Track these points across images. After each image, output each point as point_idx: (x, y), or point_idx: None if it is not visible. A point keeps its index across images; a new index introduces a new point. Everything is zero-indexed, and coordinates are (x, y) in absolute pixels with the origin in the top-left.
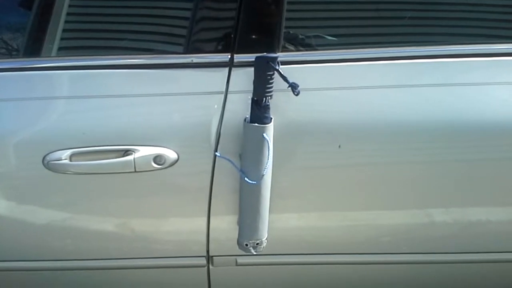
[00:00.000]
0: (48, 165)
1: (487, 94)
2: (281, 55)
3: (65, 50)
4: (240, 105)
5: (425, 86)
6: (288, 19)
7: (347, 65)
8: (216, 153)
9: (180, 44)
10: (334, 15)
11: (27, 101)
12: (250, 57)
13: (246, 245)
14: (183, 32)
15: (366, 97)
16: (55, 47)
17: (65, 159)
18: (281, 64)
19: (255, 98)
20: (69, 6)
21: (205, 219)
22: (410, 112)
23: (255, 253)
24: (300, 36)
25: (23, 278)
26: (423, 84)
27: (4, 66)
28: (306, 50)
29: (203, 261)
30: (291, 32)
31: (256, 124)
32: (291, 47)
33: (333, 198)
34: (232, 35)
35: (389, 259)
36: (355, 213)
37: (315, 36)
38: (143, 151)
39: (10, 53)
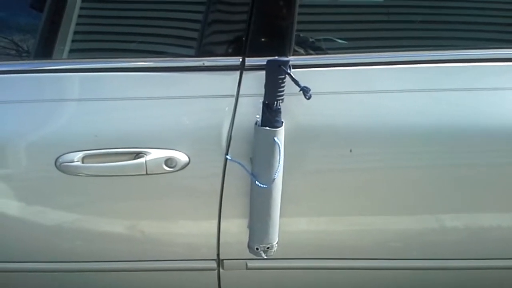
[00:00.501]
0: (60, 167)
1: (500, 99)
2: (292, 59)
3: (77, 52)
4: (251, 108)
5: (438, 91)
6: (299, 22)
7: (359, 69)
8: (227, 157)
9: (191, 47)
10: (345, 19)
11: (39, 103)
12: (262, 60)
13: (257, 249)
14: (195, 35)
15: (378, 101)
16: (67, 49)
17: (78, 161)
18: (293, 68)
19: (267, 102)
20: (81, 8)
21: (216, 222)
22: (422, 116)
23: (265, 257)
24: (311, 40)
25: (33, 279)
26: (436, 88)
27: (15, 68)
28: (318, 54)
29: (214, 264)
30: (302, 35)
31: (267, 128)
32: (303, 51)
33: (344, 202)
34: (244, 39)
35: (399, 265)
36: (366, 217)
37: (326, 40)
38: (155, 154)
39: (21, 55)
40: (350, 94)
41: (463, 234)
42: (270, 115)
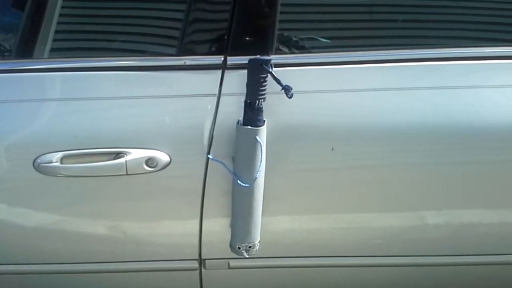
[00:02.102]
0: (38, 167)
1: (482, 97)
2: (274, 58)
3: (57, 51)
4: (233, 107)
5: (418, 89)
6: (281, 21)
7: (341, 67)
8: (208, 156)
9: (173, 46)
10: (327, 18)
11: (18, 103)
12: (244, 59)
13: (239, 248)
14: (176, 33)
15: (360, 100)
16: (47, 48)
17: (56, 161)
18: (275, 67)
19: (248, 101)
20: (62, 7)
21: (198, 221)
22: (403, 114)
23: (247, 256)
24: (294, 39)
25: (14, 281)
26: (417, 87)
27: None
28: (300, 53)
29: (196, 264)
30: (284, 34)
31: (249, 127)
32: (285, 50)
33: (326, 201)
34: (225, 37)
35: (382, 262)
36: (348, 215)
37: (308, 39)
38: (135, 154)
39: (2, 54)
40: (332, 92)
41: (447, 230)
42: (252, 114)
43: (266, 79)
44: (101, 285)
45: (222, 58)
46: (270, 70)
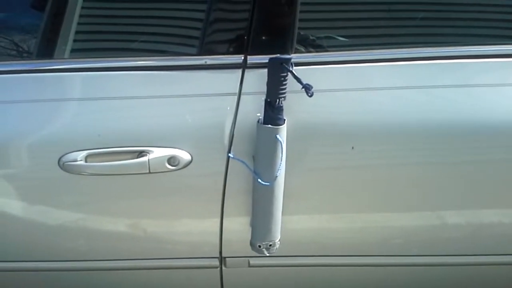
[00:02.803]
0: (63, 166)
1: (500, 95)
2: (294, 57)
3: (78, 52)
4: (253, 106)
5: (438, 87)
6: (301, 20)
7: (360, 66)
8: (229, 155)
9: (193, 46)
10: (347, 16)
11: (42, 102)
12: (264, 58)
13: (259, 246)
14: (197, 33)
15: (380, 98)
16: (68, 48)
17: (81, 160)
18: (295, 66)
19: (269, 100)
20: (82, 7)
21: (218, 220)
22: (424, 113)
23: (268, 254)
24: (313, 37)
25: (37, 278)
26: (437, 85)
27: (17, 68)
28: (319, 52)
29: (216, 262)
30: (303, 33)
31: (270, 126)
32: (304, 49)
33: (345, 200)
34: (246, 37)
35: (400, 261)
36: (367, 214)
37: (328, 37)
38: (157, 153)
39: (23, 55)
40: (352, 91)
41: (464, 230)
42: (272, 113)
43: (286, 78)
44: (122, 282)
45: (242, 58)
46: (291, 68)
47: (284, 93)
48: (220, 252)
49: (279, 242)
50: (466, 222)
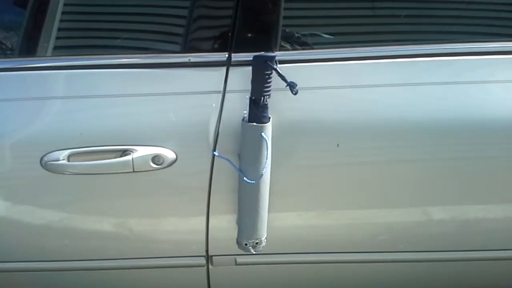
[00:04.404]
0: (46, 165)
1: (487, 92)
2: (279, 54)
3: (61, 49)
4: (238, 104)
5: (423, 85)
6: (286, 17)
7: (345, 64)
8: (214, 153)
9: (177, 43)
10: (332, 14)
11: (23, 101)
12: (248, 56)
13: (246, 244)
14: (180, 31)
15: (365, 96)
16: (51, 46)
17: (63, 159)
18: (279, 63)
19: (253, 97)
20: (64, 4)
21: (204, 218)
22: (408, 110)
23: (254, 252)
24: (297, 35)
25: (21, 279)
26: (421, 82)
27: None
28: (304, 49)
29: (203, 260)
30: (288, 31)
31: (255, 124)
32: (289, 46)
33: (331, 197)
34: (230, 34)
35: (387, 258)
36: (354, 211)
37: (312, 35)
38: (141, 151)
39: (5, 52)
40: (337, 89)
41: (452, 226)
42: (257, 110)
43: (271, 75)
44: (108, 282)
45: (227, 55)
46: (275, 66)
47: (269, 91)
48: (207, 251)
49: (265, 240)
50: (452, 218)
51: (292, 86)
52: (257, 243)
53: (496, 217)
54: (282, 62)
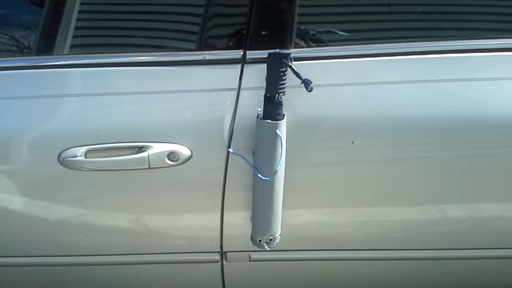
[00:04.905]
0: (63, 162)
1: (500, 89)
2: (294, 51)
3: (78, 48)
4: (253, 101)
5: (439, 82)
6: (300, 14)
7: (360, 61)
8: (229, 150)
9: (192, 41)
10: (347, 10)
11: (41, 98)
12: (263, 53)
13: (260, 241)
14: (196, 29)
15: (380, 93)
16: (68, 45)
17: (80, 156)
18: (294, 60)
19: (268, 95)
20: (81, 3)
21: (219, 215)
22: (424, 107)
23: (268, 249)
24: (312, 32)
25: (37, 273)
26: (437, 79)
27: (17, 64)
28: (319, 46)
29: (217, 256)
30: (303, 28)
31: (269, 121)
32: (304, 43)
33: (345, 194)
34: (245, 32)
35: (400, 255)
36: (368, 209)
37: (327, 32)
38: (157, 148)
39: (22, 51)
40: (352, 86)
41: (466, 224)
42: (272, 108)
43: (286, 73)
44: (122, 277)
45: (242, 53)
46: (290, 63)
47: (284, 88)
48: (221, 247)
49: (279, 237)
50: (466, 216)
51: (307, 83)
52: (271, 239)
53: (511, 215)
54: (297, 59)
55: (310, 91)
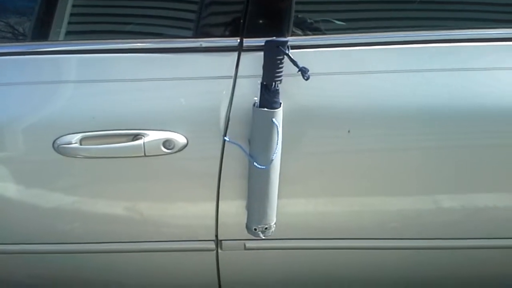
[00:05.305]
0: (58, 149)
1: (495, 79)
2: (291, 39)
3: (73, 34)
4: (249, 89)
5: (435, 71)
6: (298, 2)
7: (357, 49)
8: (225, 138)
9: (189, 28)
10: None
11: (36, 85)
12: (260, 41)
13: (255, 229)
14: (192, 16)
15: (376, 82)
16: (63, 31)
17: (75, 143)
18: (291, 49)
19: (265, 83)
20: None
21: (214, 203)
22: (420, 97)
23: (263, 237)
24: (309, 20)
25: (32, 261)
26: (433, 69)
27: (12, 50)
28: (316, 35)
29: (212, 245)
30: (300, 16)
31: (266, 109)
32: (301, 32)
33: (341, 183)
34: (242, 19)
35: (395, 245)
36: (363, 198)
37: (324, 20)
38: (153, 136)
39: (18, 37)
40: (348, 74)
41: (460, 214)
42: (268, 96)
43: (283, 61)
44: (117, 265)
45: (238, 40)
46: (287, 51)
47: (280, 76)
48: (216, 235)
49: (274, 225)
50: (461, 206)
51: (303, 71)
52: (266, 228)
53: (506, 205)
54: (294, 47)
55: (307, 79)
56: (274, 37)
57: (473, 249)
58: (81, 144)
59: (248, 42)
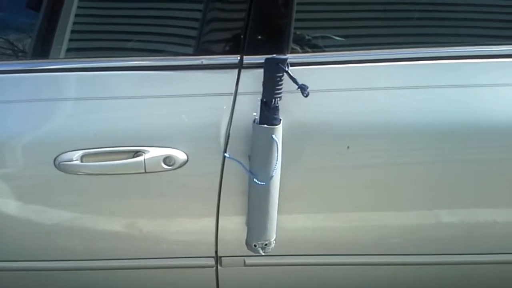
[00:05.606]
0: (59, 166)
1: (498, 96)
2: (290, 57)
3: (74, 51)
4: (249, 106)
5: (434, 88)
6: (297, 20)
7: (356, 66)
8: (225, 154)
9: (189, 46)
10: (343, 16)
11: (37, 102)
12: (260, 58)
13: (255, 245)
14: (193, 33)
15: (375, 98)
16: (64, 48)
17: (76, 160)
18: (291, 66)
19: (264, 100)
20: (78, 7)
21: (214, 219)
22: (419, 113)
23: (263, 253)
24: (309, 37)
25: (32, 278)
26: (432, 85)
27: (12, 68)
28: (315, 51)
29: (212, 261)
30: (300, 33)
31: (265, 126)
32: (300, 49)
33: (341, 199)
34: (242, 37)
35: (396, 260)
36: (363, 214)
37: (324, 37)
38: (153, 152)
39: (18, 54)
40: (348, 91)
41: (461, 229)
42: (268, 113)
43: (282, 78)
44: (117, 282)
45: (239, 58)
46: (286, 69)
47: (280, 93)
48: (216, 252)
49: (274, 242)
50: (462, 221)
51: (303, 88)
52: (266, 244)
53: (507, 221)
54: (293, 64)
55: (306, 96)
56: (274, 55)
57: (473, 264)
58: (82, 161)
59: (248, 59)
